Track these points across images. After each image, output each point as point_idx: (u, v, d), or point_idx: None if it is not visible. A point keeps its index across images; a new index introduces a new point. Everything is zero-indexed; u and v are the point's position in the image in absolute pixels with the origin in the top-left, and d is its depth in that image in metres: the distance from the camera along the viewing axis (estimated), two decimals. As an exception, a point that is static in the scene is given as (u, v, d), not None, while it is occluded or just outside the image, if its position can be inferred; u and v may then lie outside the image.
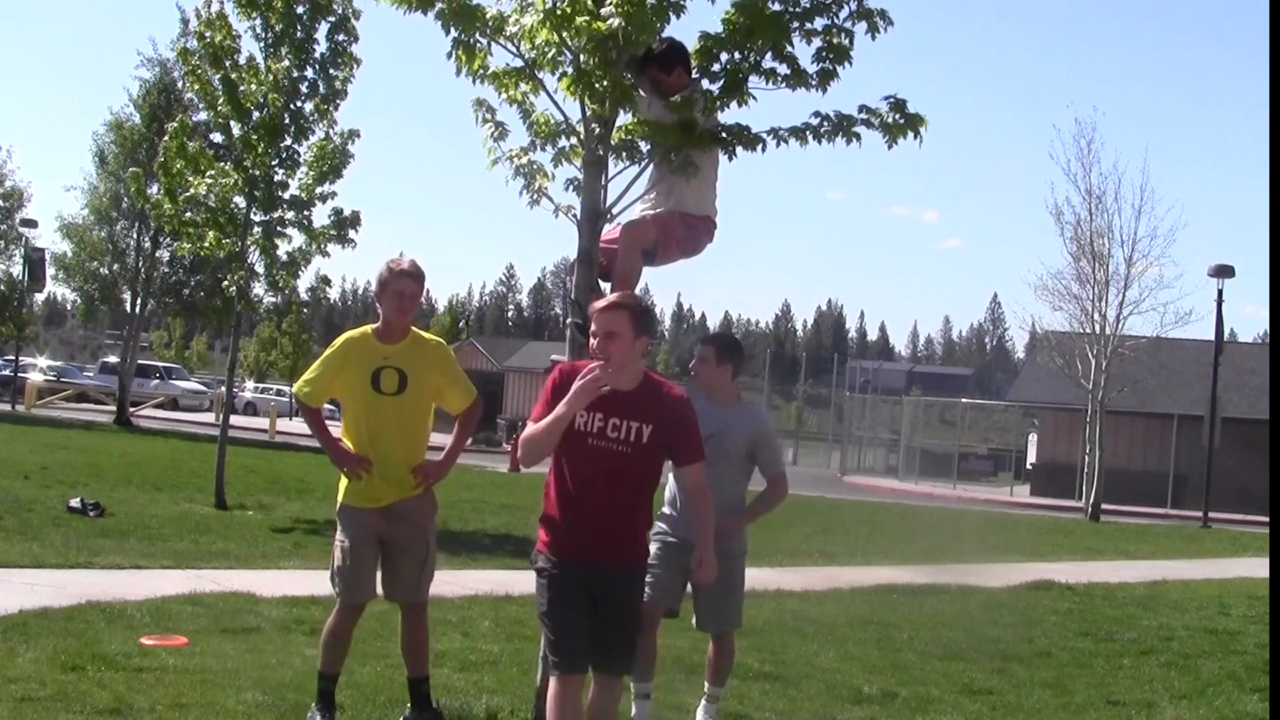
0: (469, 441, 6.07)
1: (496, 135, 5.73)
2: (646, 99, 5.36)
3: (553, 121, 5.59)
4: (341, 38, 14.29)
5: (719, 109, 5.38)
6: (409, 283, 5.43)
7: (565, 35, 5.11)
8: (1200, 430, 28.59)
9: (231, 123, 14.35)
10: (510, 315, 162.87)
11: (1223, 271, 27.42)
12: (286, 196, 14.34)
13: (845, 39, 5.28)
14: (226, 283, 15.05)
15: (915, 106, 5.41)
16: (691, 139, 5.30)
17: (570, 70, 5.23)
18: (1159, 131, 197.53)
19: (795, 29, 5.24)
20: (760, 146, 5.43)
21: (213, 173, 14.34)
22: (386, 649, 6.93)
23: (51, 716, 5.16)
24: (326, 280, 18.72)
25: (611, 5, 4.97)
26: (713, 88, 5.37)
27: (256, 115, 14.06)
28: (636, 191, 5.55)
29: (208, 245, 14.40)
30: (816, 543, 15.95)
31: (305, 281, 23.03)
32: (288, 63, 14.00)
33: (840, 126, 5.39)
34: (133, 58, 39.09)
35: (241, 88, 14.04)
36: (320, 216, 14.53)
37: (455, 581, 9.55)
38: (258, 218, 14.37)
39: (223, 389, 26.58)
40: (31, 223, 35.63)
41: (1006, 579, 12.43)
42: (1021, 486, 38.65)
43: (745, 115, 5.44)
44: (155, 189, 16.78)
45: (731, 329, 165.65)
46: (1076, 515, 27.49)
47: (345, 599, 5.45)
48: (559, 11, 5.05)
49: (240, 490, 15.63)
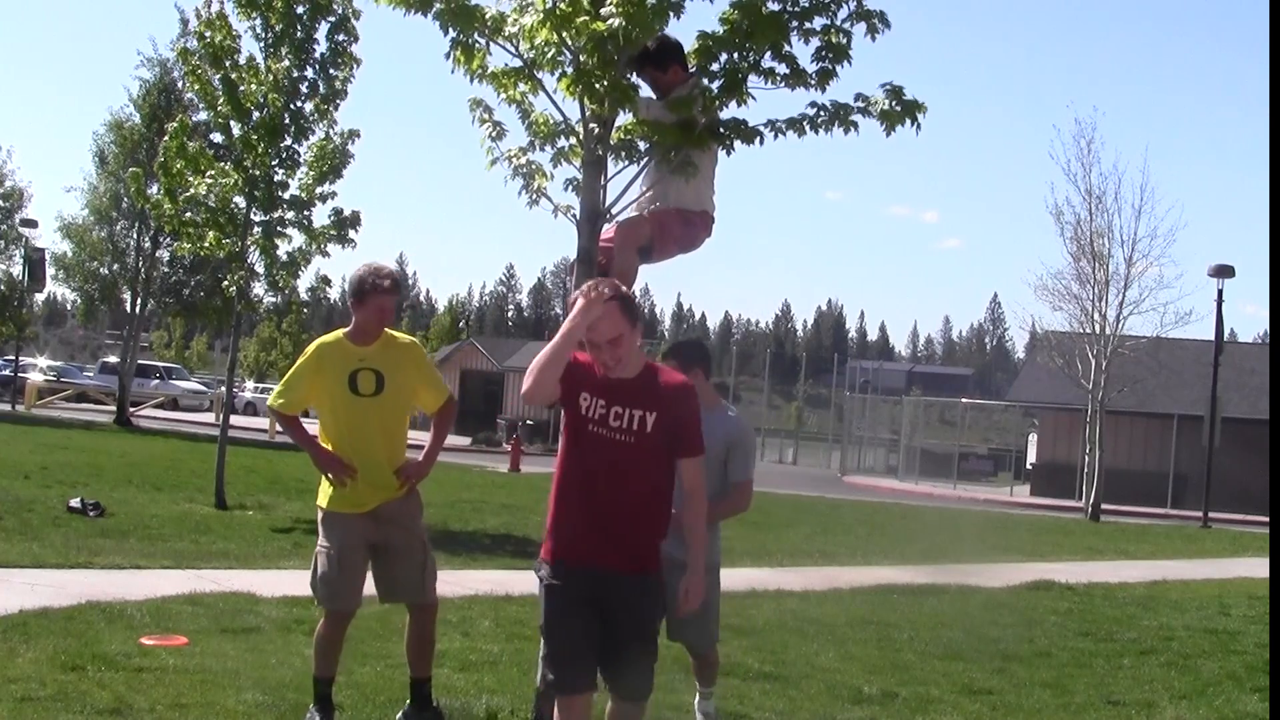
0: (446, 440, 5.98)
1: (495, 135, 5.74)
2: (644, 100, 5.35)
3: (552, 121, 5.59)
4: (341, 38, 14.29)
5: (719, 108, 5.37)
6: (392, 299, 5.45)
7: (564, 35, 5.11)
8: (1200, 430, 28.58)
9: (231, 123, 14.36)
10: (510, 315, 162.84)
11: (1223, 271, 27.41)
12: (286, 196, 14.35)
13: (844, 39, 5.28)
14: (226, 283, 15.06)
15: (921, 119, 5.38)
16: (691, 138, 5.30)
17: (569, 70, 5.23)
18: (1159, 131, 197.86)
19: (794, 29, 5.23)
20: (758, 139, 5.42)
21: (213, 173, 14.35)
22: (387, 649, 6.93)
23: (51, 716, 5.16)
24: (326, 280, 18.75)
25: (611, 5, 4.97)
26: (712, 87, 5.37)
27: (256, 115, 14.06)
28: (635, 191, 5.55)
29: (208, 245, 14.41)
30: (816, 543, 15.95)
31: (305, 281, 23.06)
32: (288, 63, 14.01)
33: (837, 116, 5.38)
34: (133, 58, 39.08)
35: (241, 88, 14.05)
36: (320, 216, 14.56)
37: (455, 581, 9.54)
38: (258, 218, 14.38)
39: (223, 389, 26.58)
40: (31, 223, 35.64)
41: (1006, 579, 12.43)
42: (1021, 486, 38.63)
43: (744, 115, 5.44)
44: (155, 189, 16.79)
45: (731, 329, 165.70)
46: (1076, 515, 27.49)
47: (330, 606, 5.39)
48: (558, 11, 5.05)
49: (240, 490, 15.63)
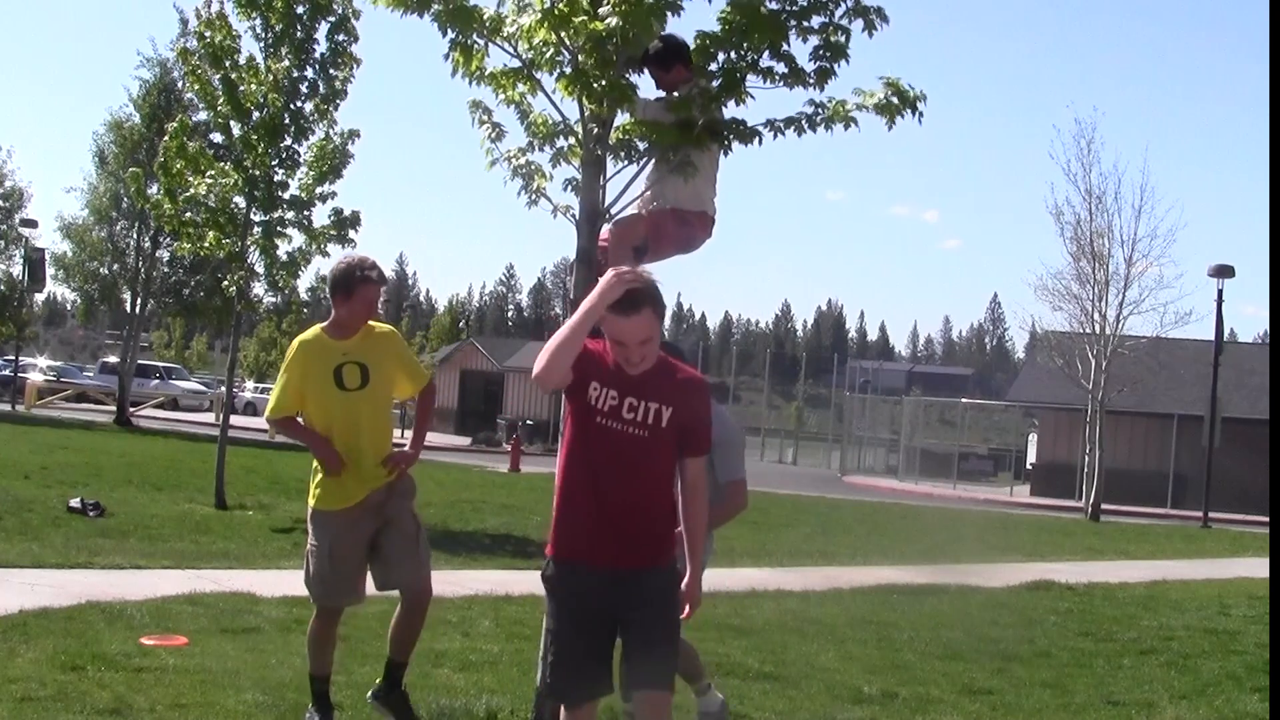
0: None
1: (494, 136, 5.73)
2: (643, 101, 5.34)
3: (550, 122, 5.58)
4: (341, 38, 14.30)
5: (718, 108, 5.36)
6: (379, 289, 5.44)
7: (563, 35, 5.11)
8: (1200, 430, 28.59)
9: (231, 123, 14.37)
10: (510, 315, 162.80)
11: (1223, 271, 27.42)
12: (286, 196, 14.35)
13: (842, 37, 5.27)
14: (226, 283, 15.06)
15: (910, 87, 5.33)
16: (689, 138, 5.30)
17: (568, 70, 5.22)
18: (1159, 131, 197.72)
19: (792, 27, 5.22)
20: (757, 140, 5.41)
21: (213, 173, 14.35)
22: (387, 649, 6.93)
23: (51, 716, 5.16)
24: (326, 280, 18.71)
25: (609, 5, 4.97)
26: (711, 86, 5.36)
27: (256, 115, 14.07)
28: (635, 191, 5.55)
29: (208, 245, 14.41)
30: (816, 543, 15.95)
31: (305, 281, 23.04)
32: (288, 63, 14.01)
33: (836, 113, 5.37)
34: (133, 58, 39.11)
35: (241, 88, 14.05)
36: (320, 216, 14.58)
37: (455, 581, 9.55)
38: (258, 218, 14.38)
39: (223, 389, 26.59)
40: (31, 223, 35.66)
41: (1006, 579, 12.43)
42: (1021, 486, 38.64)
43: (743, 114, 5.43)
44: (155, 189, 16.79)
45: (731, 329, 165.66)
46: (1076, 515, 27.49)
47: (324, 603, 5.38)
48: (556, 11, 5.05)
49: (240, 490, 15.63)
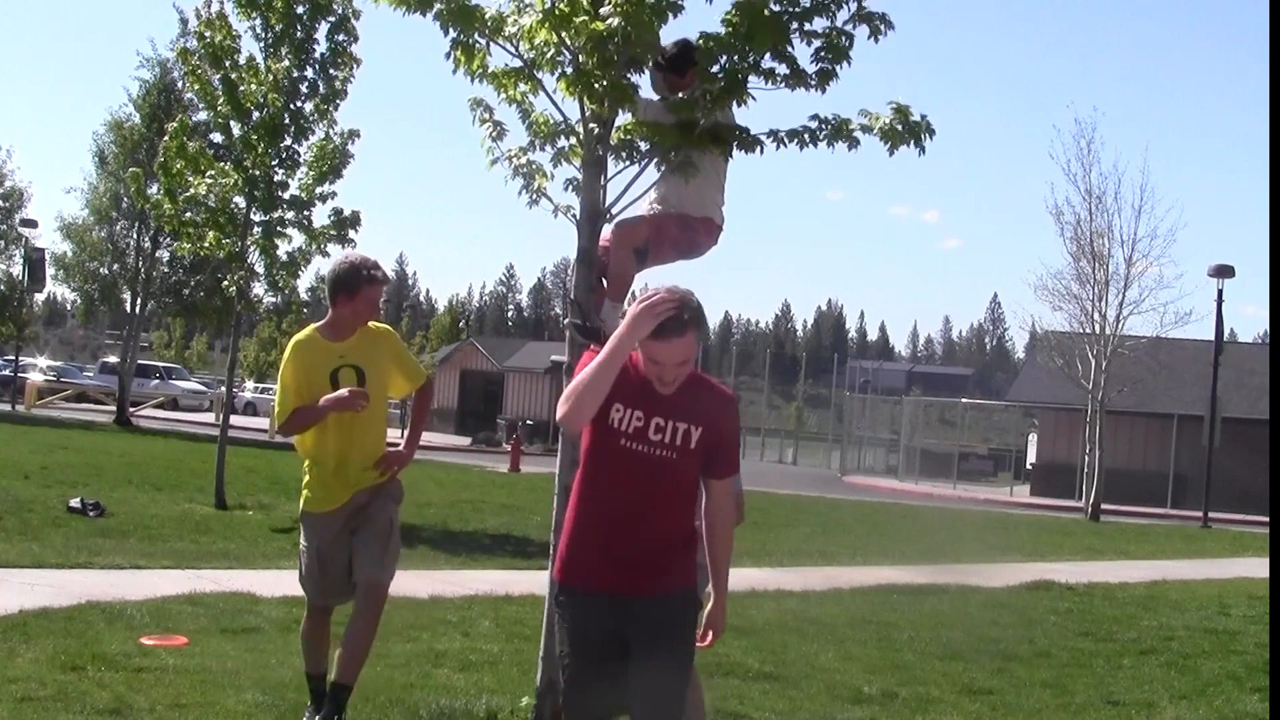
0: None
1: (495, 135, 5.73)
2: (645, 101, 5.33)
3: (551, 121, 5.58)
4: (341, 38, 14.29)
5: (720, 108, 5.34)
6: (382, 290, 5.36)
7: (564, 35, 5.11)
8: (1200, 430, 28.59)
9: (231, 123, 14.36)
10: (510, 315, 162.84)
11: (1223, 271, 27.42)
12: (286, 196, 14.34)
13: (846, 41, 5.26)
14: (226, 283, 15.06)
15: (919, 111, 5.33)
16: (690, 139, 5.29)
17: (569, 70, 5.22)
18: (1159, 131, 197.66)
19: (795, 31, 5.21)
20: (759, 149, 5.40)
21: (213, 173, 14.35)
22: (387, 649, 6.93)
23: (51, 716, 5.16)
24: (326, 279, 18.69)
25: (610, 5, 4.97)
26: (712, 89, 5.35)
27: (256, 115, 14.06)
28: (635, 191, 5.54)
29: (208, 245, 14.41)
30: (816, 543, 15.96)
31: (305, 281, 23.03)
32: (288, 63, 14.01)
33: (839, 131, 5.36)
34: (132, 58, 39.13)
35: (241, 88, 14.04)
36: (320, 216, 14.56)
37: (455, 581, 9.55)
38: (258, 218, 14.37)
39: (223, 389, 26.59)
40: (31, 223, 35.66)
41: (1006, 579, 12.43)
42: (1021, 486, 38.64)
43: (744, 115, 5.43)
44: (155, 189, 16.78)
45: (731, 329, 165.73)
46: (1076, 515, 27.49)
47: (316, 602, 5.40)
48: (557, 11, 5.04)
49: (240, 490, 15.63)
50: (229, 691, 5.74)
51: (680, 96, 5.29)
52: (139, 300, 31.81)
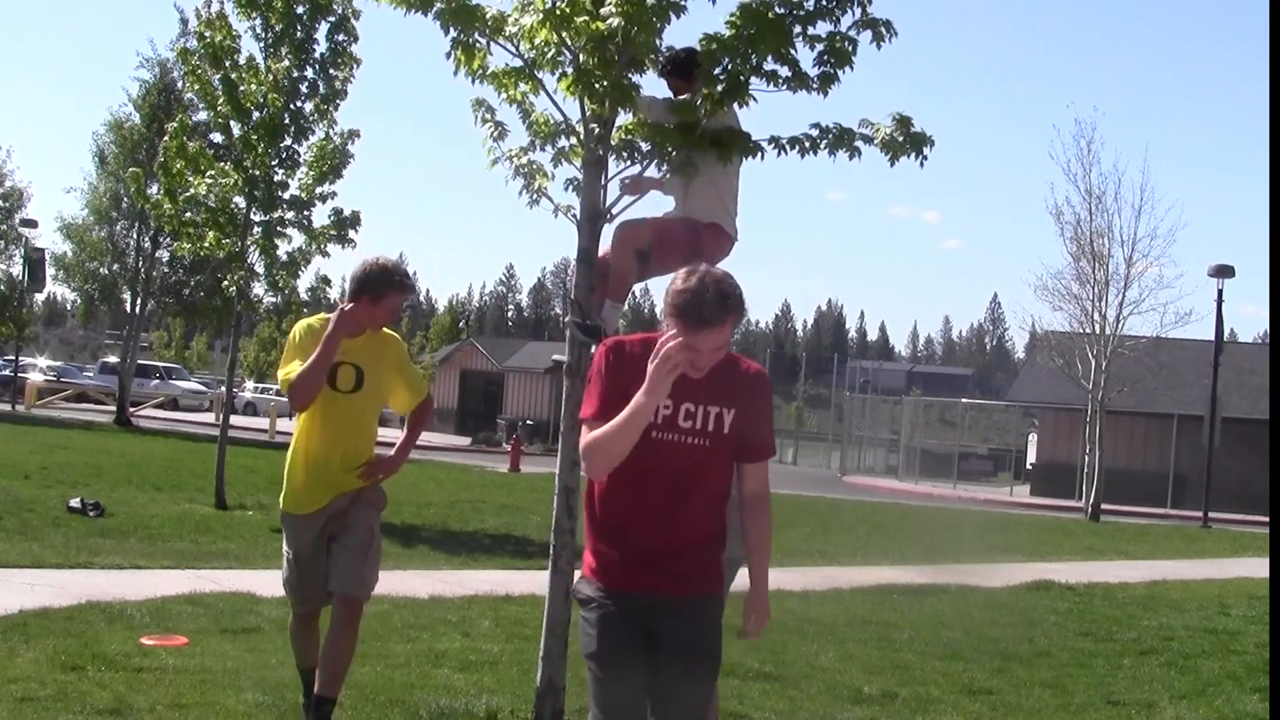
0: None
1: (496, 135, 5.73)
2: (646, 100, 5.32)
3: (552, 121, 5.58)
4: (341, 38, 14.30)
5: (721, 109, 5.33)
6: (406, 297, 5.21)
7: (565, 35, 5.10)
8: (1200, 430, 28.59)
9: (231, 123, 14.36)
10: (510, 315, 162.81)
11: (1223, 271, 27.42)
12: (286, 196, 14.35)
13: (850, 46, 5.22)
14: (226, 283, 15.07)
15: (920, 123, 5.29)
16: (691, 140, 5.29)
17: (570, 70, 5.22)
18: (1159, 131, 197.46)
19: (799, 35, 5.18)
20: (759, 154, 5.39)
21: (213, 173, 14.35)
22: (387, 649, 6.94)
23: (51, 716, 5.16)
24: (326, 280, 18.72)
25: (611, 5, 4.96)
26: (714, 92, 5.34)
27: (256, 115, 14.06)
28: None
29: (208, 245, 14.41)
30: (816, 543, 15.95)
31: (305, 281, 23.00)
32: (288, 63, 14.01)
33: (841, 140, 5.33)
34: (132, 58, 39.13)
35: (241, 88, 14.05)
36: (320, 216, 14.57)
37: (455, 581, 9.55)
38: (258, 218, 14.38)
39: (223, 389, 26.58)
40: (31, 223, 35.68)
41: (1006, 579, 12.43)
42: (1021, 486, 38.64)
43: (746, 118, 5.42)
44: (155, 189, 16.79)
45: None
46: (1076, 515, 27.49)
47: (296, 606, 5.27)
48: (558, 11, 5.04)
49: (240, 490, 15.64)
50: (229, 691, 5.74)
51: (684, 98, 5.28)
52: (139, 300, 31.82)
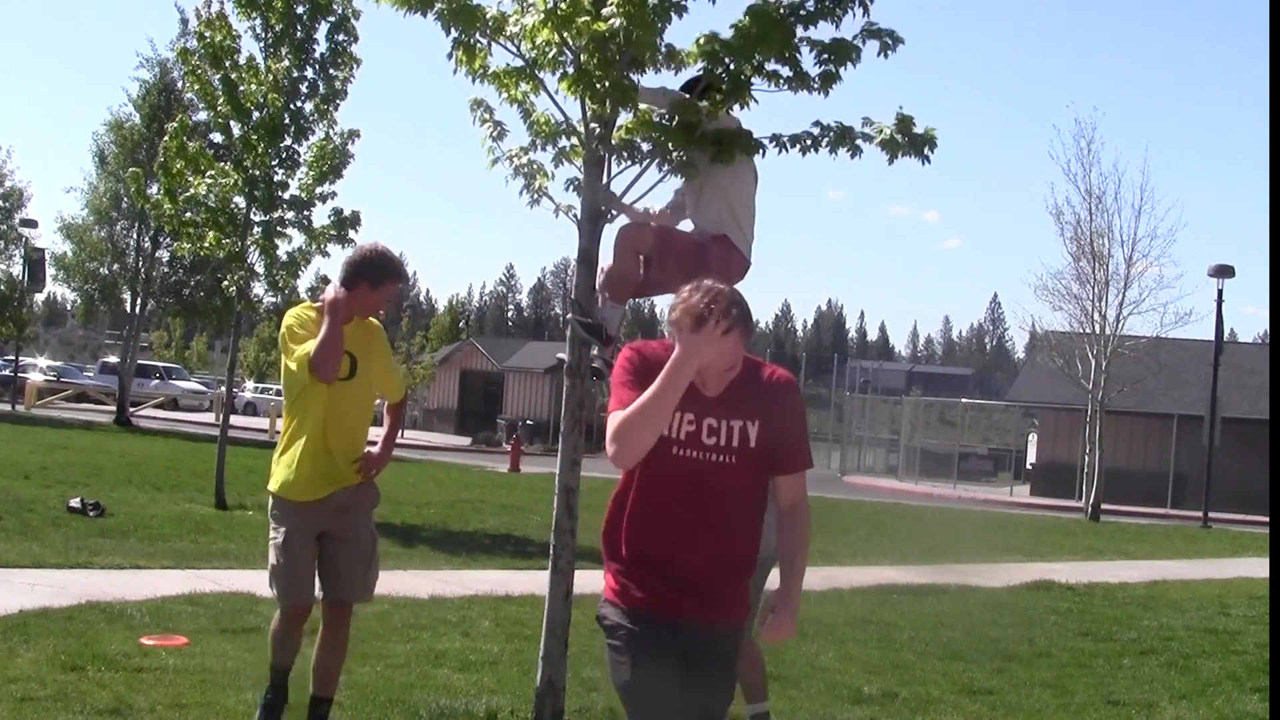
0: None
1: (495, 135, 5.73)
2: (644, 90, 5.29)
3: (553, 121, 5.58)
4: (341, 38, 14.30)
5: (723, 110, 5.31)
6: (399, 287, 5.21)
7: (565, 35, 5.10)
8: (1200, 430, 28.60)
9: (231, 123, 14.37)
10: (510, 315, 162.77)
11: (1223, 271, 27.43)
12: (286, 196, 14.35)
13: (855, 56, 5.19)
14: (226, 283, 15.07)
15: (924, 123, 5.28)
16: (692, 139, 5.29)
17: (571, 70, 5.22)
18: (1159, 131, 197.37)
19: (802, 40, 5.16)
20: (760, 151, 5.39)
21: (213, 173, 14.35)
22: (386, 649, 6.93)
23: (51, 716, 5.16)
24: (326, 280, 18.73)
25: (612, 5, 4.96)
26: (715, 97, 5.32)
27: (256, 115, 14.07)
28: (637, 192, 5.54)
29: (208, 245, 14.41)
30: (816, 543, 15.76)
31: (305, 281, 23.07)
32: (288, 63, 14.02)
33: (843, 138, 5.32)
34: (132, 58, 39.14)
35: (241, 88, 14.05)
36: (320, 216, 14.57)
37: (455, 581, 9.55)
38: (258, 218, 14.38)
39: (223, 389, 26.58)
40: (31, 223, 35.69)
41: (1006, 579, 12.44)
42: (1021, 486, 38.65)
43: (747, 117, 5.42)
44: (155, 189, 16.79)
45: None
46: (1076, 515, 27.49)
47: (285, 600, 5.02)
48: (559, 11, 5.04)
49: (240, 490, 15.63)
50: (229, 691, 5.74)
51: (687, 97, 5.28)
52: (139, 300, 31.83)
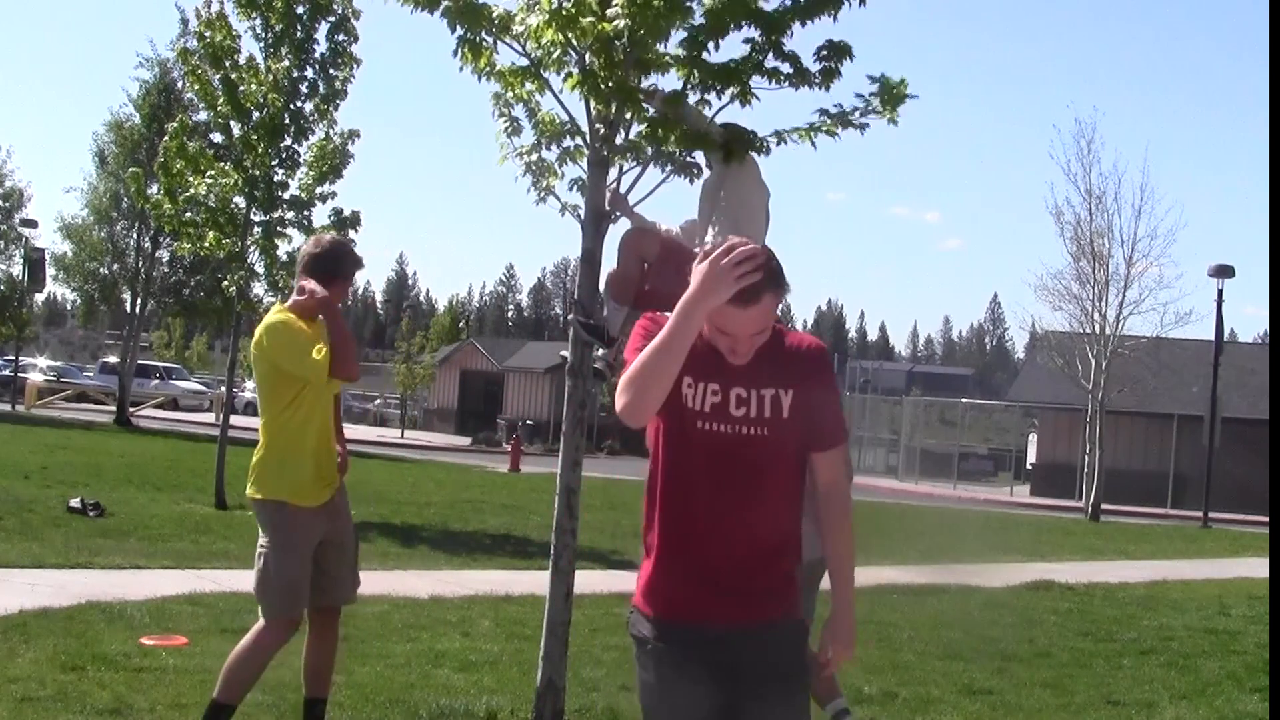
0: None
1: (510, 131, 5.72)
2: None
3: (558, 121, 5.59)
4: (341, 38, 14.31)
5: (717, 94, 5.27)
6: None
7: (571, 35, 5.10)
8: (1200, 430, 28.59)
9: (231, 123, 14.37)
10: (510, 315, 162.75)
11: (1223, 271, 27.42)
12: (286, 196, 14.35)
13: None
14: (226, 283, 15.06)
15: (921, 118, 5.41)
16: (694, 142, 5.28)
17: (575, 70, 5.22)
18: (1159, 131, 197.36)
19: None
20: (765, 149, 5.39)
21: (213, 173, 14.35)
22: (386, 649, 6.93)
23: (51, 716, 5.16)
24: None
25: (617, 6, 4.96)
26: (709, 98, 5.31)
27: (256, 115, 14.07)
28: (639, 192, 5.53)
29: (208, 245, 14.41)
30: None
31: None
32: (288, 63, 14.02)
33: (844, 117, 5.31)
34: (132, 58, 39.13)
35: (241, 88, 14.05)
36: (320, 216, 14.56)
37: (455, 581, 9.55)
38: (258, 218, 14.38)
39: (223, 389, 26.59)
40: (31, 223, 35.68)
41: (1006, 579, 12.43)
42: (1021, 486, 38.64)
43: (747, 117, 5.42)
44: (155, 189, 16.78)
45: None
46: (1076, 515, 27.49)
47: (290, 612, 4.79)
48: (564, 11, 5.03)
49: (240, 490, 15.52)
50: (230, 691, 5.73)
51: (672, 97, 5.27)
52: (139, 300, 31.82)
